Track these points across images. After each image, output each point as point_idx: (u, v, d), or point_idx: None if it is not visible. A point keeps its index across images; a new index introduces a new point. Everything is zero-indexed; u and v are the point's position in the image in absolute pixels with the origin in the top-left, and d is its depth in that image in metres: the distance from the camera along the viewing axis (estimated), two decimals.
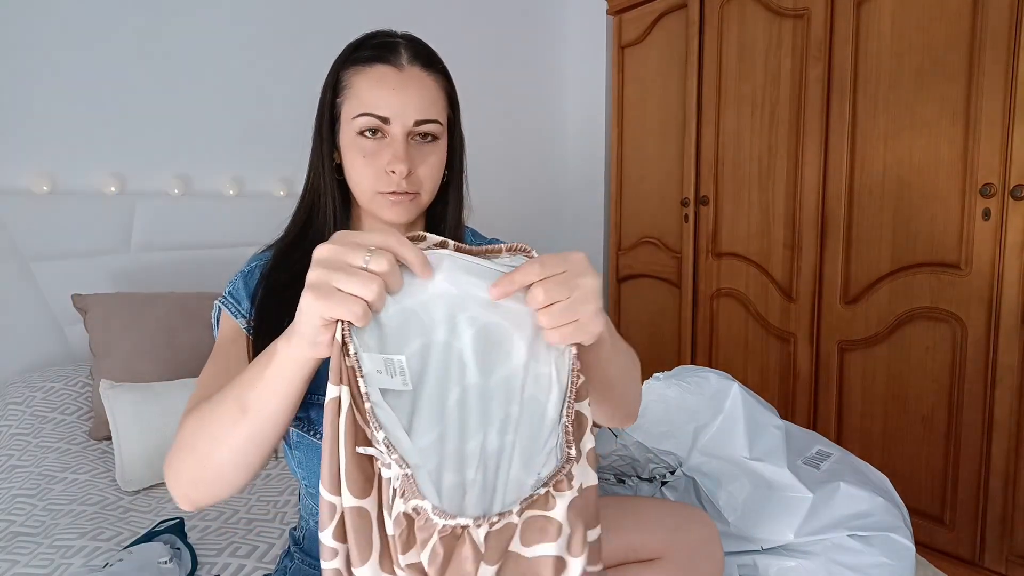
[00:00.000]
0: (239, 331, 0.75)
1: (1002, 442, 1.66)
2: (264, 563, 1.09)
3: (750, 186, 2.22)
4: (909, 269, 1.82)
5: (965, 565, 1.74)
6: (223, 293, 0.79)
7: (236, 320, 0.75)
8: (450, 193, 0.83)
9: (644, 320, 2.67)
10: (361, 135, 0.73)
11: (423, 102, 0.73)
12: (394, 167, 0.72)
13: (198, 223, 2.05)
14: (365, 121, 0.72)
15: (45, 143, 1.85)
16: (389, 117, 0.72)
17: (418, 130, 0.74)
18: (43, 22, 1.83)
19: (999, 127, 1.61)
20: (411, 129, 0.73)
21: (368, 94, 0.72)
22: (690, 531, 0.83)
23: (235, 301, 0.76)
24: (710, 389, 1.29)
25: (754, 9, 2.16)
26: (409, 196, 0.75)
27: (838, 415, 2.02)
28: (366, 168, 0.73)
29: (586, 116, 2.92)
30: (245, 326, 0.74)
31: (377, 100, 0.72)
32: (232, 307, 0.76)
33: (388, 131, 0.73)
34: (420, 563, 0.47)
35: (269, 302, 0.73)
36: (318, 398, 0.73)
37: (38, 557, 1.10)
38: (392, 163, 0.72)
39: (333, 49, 0.84)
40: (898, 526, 1.08)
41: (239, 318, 0.75)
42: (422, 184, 0.75)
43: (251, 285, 0.77)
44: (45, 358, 1.85)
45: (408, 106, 0.72)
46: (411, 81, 0.73)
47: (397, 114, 0.72)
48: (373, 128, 0.72)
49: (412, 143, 0.74)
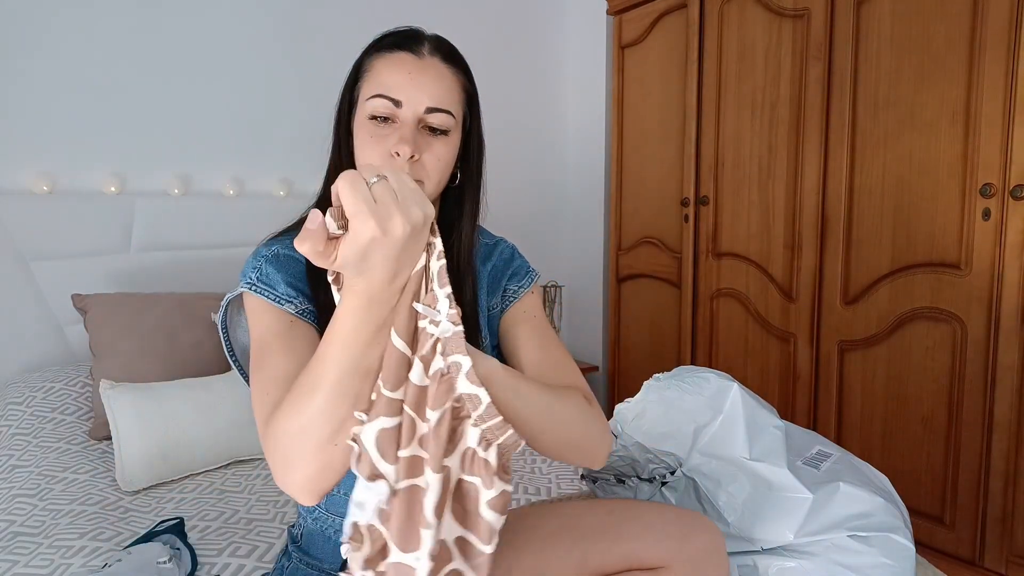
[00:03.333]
0: (290, 319, 0.72)
1: (1002, 442, 1.66)
2: (264, 563, 1.09)
3: (750, 186, 2.22)
4: (909, 269, 1.82)
5: (965, 565, 1.74)
6: (243, 282, 0.75)
7: (280, 307, 0.72)
8: (466, 195, 0.82)
9: (644, 320, 2.67)
10: (373, 117, 0.73)
11: (437, 90, 0.73)
12: (399, 148, 0.71)
13: (198, 223, 2.05)
14: (378, 102, 0.72)
15: (45, 143, 1.85)
16: (401, 100, 0.72)
17: (429, 118, 0.73)
18: (43, 22, 1.83)
19: (999, 127, 1.61)
20: (422, 116, 0.73)
21: (385, 76, 0.73)
22: (695, 540, 0.81)
23: (269, 287, 0.73)
24: (710, 389, 1.29)
25: (754, 9, 2.16)
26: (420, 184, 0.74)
27: (838, 415, 2.02)
28: (373, 149, 0.73)
29: (586, 116, 2.92)
30: (295, 311, 0.72)
31: (392, 83, 0.72)
32: (269, 294, 0.73)
33: (399, 115, 0.73)
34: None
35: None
36: None
37: (38, 557, 1.10)
38: (398, 145, 0.71)
39: (333, 50, 0.84)
40: (898, 526, 1.08)
41: (284, 303, 0.72)
42: (428, 173, 0.74)
43: (286, 270, 0.74)
44: (45, 358, 1.85)
45: (422, 92, 0.72)
46: (428, 69, 0.73)
47: (410, 98, 0.72)
48: (385, 110, 0.72)
49: (422, 131, 0.73)
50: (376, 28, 0.81)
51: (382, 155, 0.72)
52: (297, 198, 2.27)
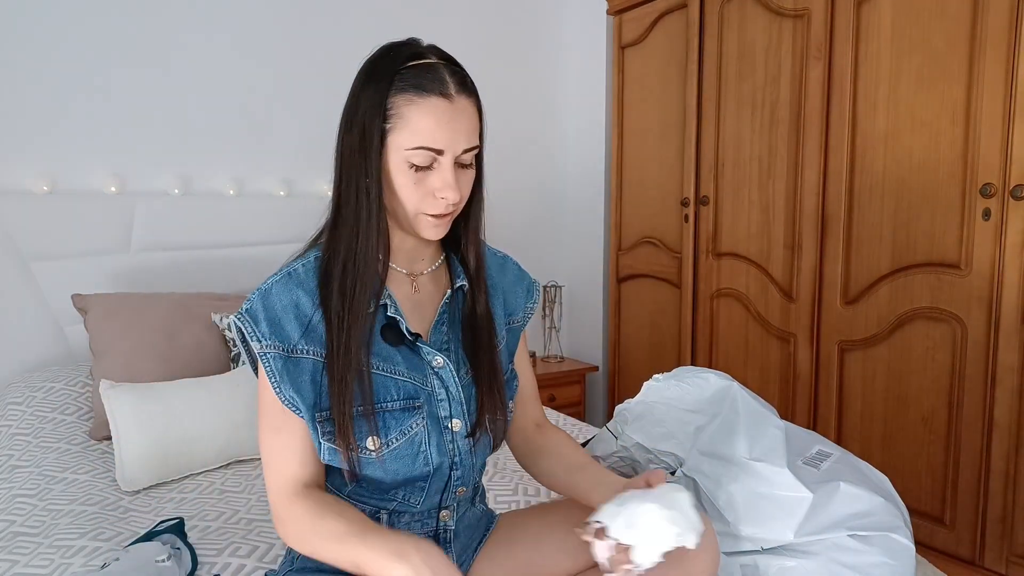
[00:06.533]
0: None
1: (1002, 442, 1.66)
2: (264, 563, 1.09)
3: (750, 186, 2.22)
4: (909, 269, 1.82)
5: (965, 565, 1.74)
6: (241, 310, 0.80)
7: (252, 343, 0.77)
8: (473, 198, 0.86)
9: (644, 320, 2.67)
10: (413, 164, 0.76)
11: (469, 131, 0.78)
12: (445, 194, 0.77)
13: (198, 223, 2.05)
14: (421, 153, 0.75)
15: (45, 143, 1.85)
16: (443, 149, 0.76)
17: (463, 158, 0.78)
18: (43, 22, 1.83)
19: (999, 127, 1.61)
20: (459, 157, 0.78)
21: (422, 126, 0.75)
22: None
23: (252, 322, 0.78)
24: (710, 389, 1.29)
25: (754, 9, 2.16)
26: (450, 216, 0.81)
27: (838, 415, 2.02)
28: (415, 192, 0.77)
29: (586, 116, 2.92)
30: (259, 350, 0.77)
31: (433, 135, 0.75)
32: (249, 328, 0.78)
33: (439, 160, 0.77)
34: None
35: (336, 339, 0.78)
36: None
37: (38, 557, 1.10)
38: (443, 190, 0.77)
39: (333, 50, 0.84)
40: (898, 526, 1.08)
41: (254, 340, 0.77)
42: (461, 203, 0.81)
43: (269, 306, 0.79)
44: (45, 358, 1.85)
45: (459, 137, 0.77)
46: (461, 113, 0.76)
47: (449, 146, 0.76)
48: (427, 161, 0.76)
49: (457, 168, 0.78)
50: (376, 28, 0.81)
51: (423, 197, 0.77)
52: (297, 198, 2.27)
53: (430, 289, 0.89)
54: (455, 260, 0.90)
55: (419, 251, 0.88)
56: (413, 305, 0.86)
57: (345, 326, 0.77)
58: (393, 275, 0.85)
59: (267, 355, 0.77)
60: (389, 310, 0.82)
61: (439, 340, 0.87)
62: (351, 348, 0.77)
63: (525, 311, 0.98)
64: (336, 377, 0.77)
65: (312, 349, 0.78)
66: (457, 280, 0.88)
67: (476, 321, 0.87)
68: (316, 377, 0.78)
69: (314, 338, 0.79)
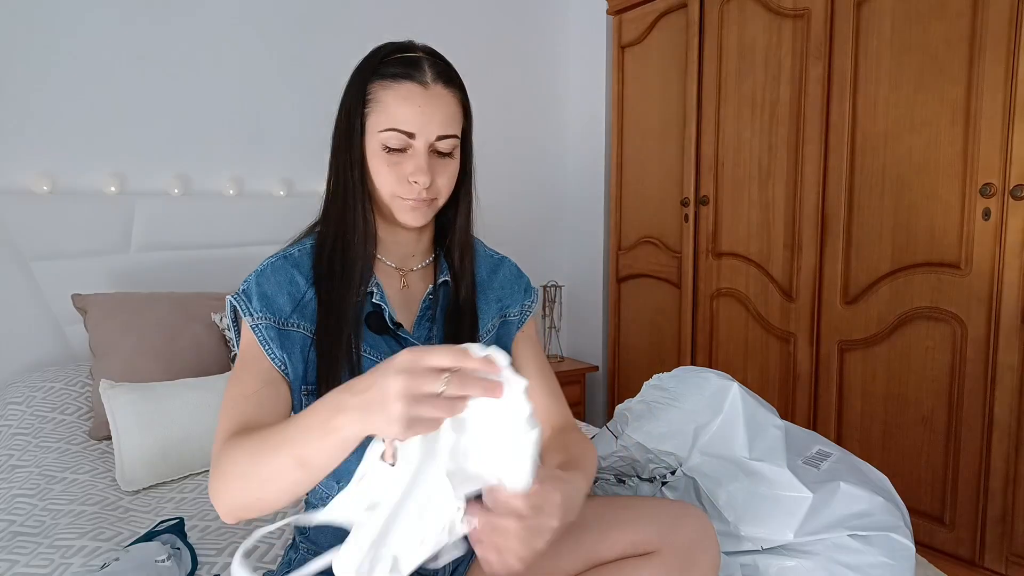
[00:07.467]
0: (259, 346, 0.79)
1: (1002, 442, 1.66)
2: (264, 563, 1.09)
3: (750, 186, 2.22)
4: (909, 269, 1.82)
5: (965, 565, 1.74)
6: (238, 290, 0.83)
7: (244, 319, 0.79)
8: (460, 195, 0.88)
9: (644, 320, 2.67)
10: (386, 146, 0.79)
11: (445, 119, 0.79)
12: (417, 178, 0.79)
13: (198, 223, 2.05)
14: (392, 136, 0.78)
15: (45, 143, 1.85)
16: (414, 132, 0.78)
17: (439, 144, 0.80)
18: (43, 23, 1.83)
19: (999, 127, 1.61)
20: (432, 143, 0.79)
21: (396, 110, 0.77)
22: (685, 525, 0.85)
23: (246, 299, 0.81)
24: (710, 389, 1.29)
25: (754, 9, 2.16)
26: (427, 202, 0.82)
27: (838, 415, 2.02)
28: (389, 175, 0.80)
29: (586, 116, 2.92)
30: (251, 323, 0.79)
31: (404, 116, 0.77)
32: (243, 304, 0.80)
33: (412, 144, 0.79)
34: None
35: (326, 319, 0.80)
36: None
37: (38, 557, 1.10)
38: (415, 174, 0.78)
39: (333, 50, 0.86)
40: (898, 526, 1.08)
41: (246, 316, 0.79)
42: (439, 191, 0.82)
43: (263, 283, 0.82)
44: (45, 358, 1.85)
45: (432, 123, 0.78)
46: (435, 99, 0.78)
47: (421, 130, 0.78)
48: (399, 143, 0.78)
49: (433, 155, 0.80)
50: (376, 29, 0.82)
51: (398, 180, 0.79)
52: (297, 198, 2.27)
53: (419, 286, 0.91)
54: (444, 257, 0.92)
55: (410, 247, 0.90)
56: (401, 300, 0.88)
57: (335, 304, 0.80)
58: (383, 269, 0.88)
59: (259, 326, 0.79)
60: (375, 297, 0.84)
61: (422, 334, 0.88)
62: (341, 327, 0.79)
63: (522, 307, 0.98)
64: (324, 352, 0.79)
65: (303, 324, 0.81)
66: (441, 275, 0.90)
67: (458, 314, 0.89)
68: (305, 352, 0.80)
69: (306, 314, 0.81)
